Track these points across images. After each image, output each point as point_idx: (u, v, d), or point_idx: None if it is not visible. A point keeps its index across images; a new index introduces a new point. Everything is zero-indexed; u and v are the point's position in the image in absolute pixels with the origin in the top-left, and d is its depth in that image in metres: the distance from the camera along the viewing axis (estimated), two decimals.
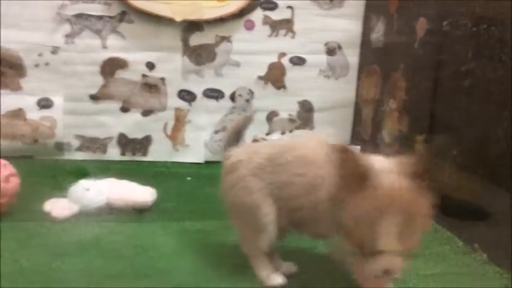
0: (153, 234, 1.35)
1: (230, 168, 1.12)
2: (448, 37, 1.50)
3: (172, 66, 2.03)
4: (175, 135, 2.08)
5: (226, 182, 1.13)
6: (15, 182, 1.38)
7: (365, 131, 2.07)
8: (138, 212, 1.48)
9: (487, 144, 1.34)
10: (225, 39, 2.05)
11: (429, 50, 1.60)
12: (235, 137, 1.21)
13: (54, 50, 1.93)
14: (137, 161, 2.04)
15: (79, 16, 1.93)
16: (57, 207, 1.41)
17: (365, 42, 2.07)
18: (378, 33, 1.96)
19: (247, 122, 1.23)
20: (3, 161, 1.39)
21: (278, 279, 1.13)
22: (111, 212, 1.44)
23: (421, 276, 1.23)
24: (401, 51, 1.77)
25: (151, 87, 2.03)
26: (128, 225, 1.40)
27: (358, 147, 1.99)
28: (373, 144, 1.96)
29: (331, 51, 2.11)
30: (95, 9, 1.93)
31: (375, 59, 2.00)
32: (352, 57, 2.12)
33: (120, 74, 1.99)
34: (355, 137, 2.12)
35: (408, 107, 1.73)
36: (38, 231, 1.31)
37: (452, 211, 1.43)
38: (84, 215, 1.41)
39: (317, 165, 1.03)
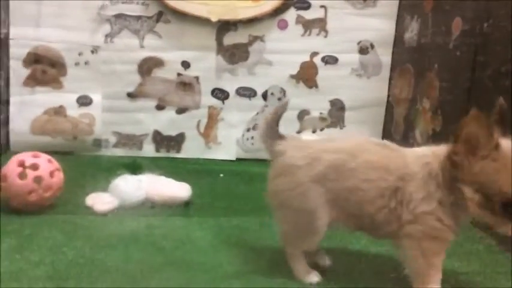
0: (190, 229, 1.39)
1: (286, 170, 1.10)
2: (485, 38, 1.49)
3: (206, 65, 2.08)
4: (208, 132, 2.13)
5: (280, 184, 1.12)
6: (59, 177, 1.44)
7: (397, 130, 2.07)
8: (175, 207, 1.53)
9: None
10: (259, 38, 2.08)
11: (465, 50, 1.59)
12: (275, 126, 1.18)
13: (94, 50, 2.00)
14: (171, 158, 2.09)
15: (118, 16, 1.99)
16: (99, 201, 1.47)
17: (398, 41, 2.07)
18: (412, 32, 1.96)
19: (283, 109, 1.20)
20: (48, 156, 1.45)
21: (315, 277, 1.15)
22: (151, 206, 1.49)
23: (457, 274, 1.23)
24: (436, 51, 1.76)
25: (186, 85, 2.08)
26: (165, 219, 1.44)
27: None
28: (405, 143, 1.96)
29: (363, 50, 2.11)
30: (134, 9, 2.00)
31: (408, 58, 1.99)
32: (385, 56, 2.12)
33: (157, 72, 2.05)
34: (386, 136, 2.12)
35: (442, 107, 1.72)
36: (82, 224, 1.36)
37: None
38: (124, 209, 1.46)
39: (388, 170, 1.05)
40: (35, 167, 1.39)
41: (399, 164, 1.06)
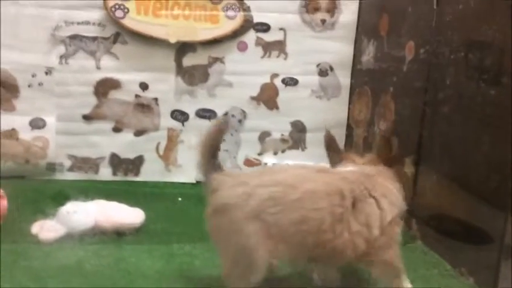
0: (139, 257, 1.34)
1: (221, 208, 1.07)
2: (434, 61, 1.51)
3: (165, 87, 2.05)
4: (167, 155, 2.09)
5: (216, 223, 1.09)
6: (2, 204, 1.38)
7: (356, 151, 2.07)
8: (126, 234, 1.48)
9: (475, 165, 1.34)
10: (218, 60, 2.07)
11: (417, 73, 1.61)
12: (213, 157, 1.14)
13: (48, 71, 1.95)
14: (129, 181, 2.04)
15: (73, 37, 1.95)
16: (44, 229, 1.41)
17: (356, 64, 2.09)
18: (369, 55, 1.97)
19: (221, 133, 1.17)
20: None
21: None
22: (98, 234, 1.44)
23: None
24: (391, 74, 1.78)
25: (145, 107, 2.04)
26: (114, 248, 1.39)
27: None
28: None
29: (323, 72, 2.12)
30: (90, 30, 1.96)
31: (366, 80, 2.01)
32: (344, 78, 2.13)
33: (114, 94, 2.01)
34: None
35: (397, 129, 1.74)
36: (24, 253, 1.31)
37: (449, 232, 1.44)
38: (71, 238, 1.41)
39: (333, 198, 1.07)
40: None
41: (347, 187, 1.08)
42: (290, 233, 1.04)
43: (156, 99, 2.05)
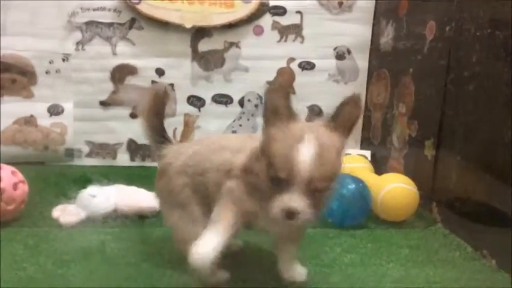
0: (160, 240, 1.35)
1: (162, 171, 1.13)
2: (455, 41, 1.48)
3: (181, 72, 2.04)
4: (184, 140, 2.09)
5: (158, 187, 1.15)
6: (23, 189, 1.39)
7: (375, 135, 2.05)
8: (145, 218, 1.48)
9: (496, 148, 1.32)
10: (234, 44, 2.05)
11: (438, 54, 1.58)
12: (159, 127, 1.16)
13: (65, 57, 1.96)
14: (146, 167, 2.05)
15: (90, 23, 1.95)
16: (65, 213, 1.42)
17: (374, 46, 2.06)
18: (387, 37, 1.94)
19: (160, 99, 1.18)
20: (12, 168, 1.40)
21: (223, 274, 1.10)
22: (118, 218, 1.45)
23: (430, 283, 1.20)
24: (411, 56, 1.75)
25: None
26: (134, 231, 1.40)
27: (369, 151, 1.97)
28: (383, 148, 1.94)
29: (340, 55, 2.10)
30: (105, 16, 1.96)
31: (384, 63, 1.98)
32: (362, 61, 2.10)
33: (130, 80, 2.01)
34: (365, 141, 2.10)
35: (417, 112, 1.71)
36: (45, 237, 1.32)
37: (471, 215, 1.42)
38: (92, 222, 1.42)
39: (227, 151, 1.04)
40: None
41: (237, 144, 1.04)
42: (199, 185, 1.05)
43: (172, 85, 2.04)
